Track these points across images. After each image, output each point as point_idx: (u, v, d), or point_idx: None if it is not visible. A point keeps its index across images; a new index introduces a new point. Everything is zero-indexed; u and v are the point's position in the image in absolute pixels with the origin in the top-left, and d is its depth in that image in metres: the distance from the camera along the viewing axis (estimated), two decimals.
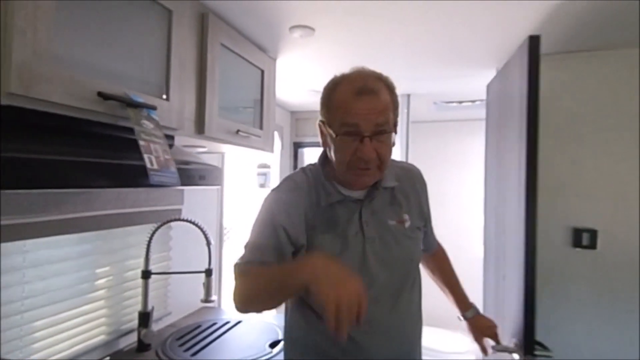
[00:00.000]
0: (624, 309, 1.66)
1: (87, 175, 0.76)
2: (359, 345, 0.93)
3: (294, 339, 1.03)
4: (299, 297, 1.00)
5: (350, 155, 0.91)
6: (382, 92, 0.92)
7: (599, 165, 1.69)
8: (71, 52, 0.83)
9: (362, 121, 0.88)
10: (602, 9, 1.31)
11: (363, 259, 0.95)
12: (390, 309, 0.97)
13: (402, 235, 1.01)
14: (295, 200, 0.97)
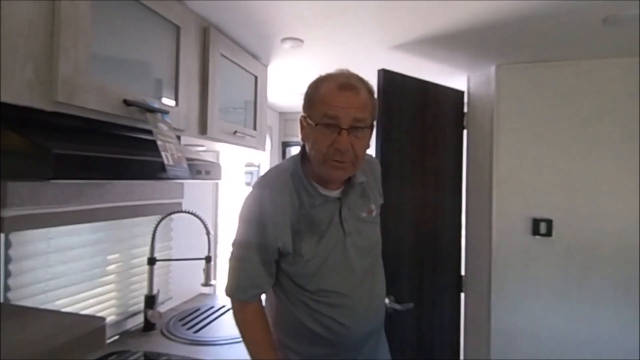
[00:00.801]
0: (576, 289, 1.89)
1: (118, 169, 0.92)
2: (343, 325, 1.02)
3: (287, 323, 1.08)
4: (289, 294, 1.06)
5: (327, 147, 0.94)
6: (362, 91, 0.97)
7: (555, 162, 1.91)
8: (101, 66, 0.99)
9: (342, 114, 0.93)
10: (557, 25, 1.52)
11: (345, 253, 1.04)
12: (369, 288, 1.09)
13: (370, 224, 1.12)
14: (281, 210, 1.00)
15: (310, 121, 0.98)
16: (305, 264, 1.00)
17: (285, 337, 1.07)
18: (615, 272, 1.84)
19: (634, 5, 1.32)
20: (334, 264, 1.02)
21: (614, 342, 1.84)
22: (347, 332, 1.03)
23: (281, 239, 0.99)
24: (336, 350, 1.04)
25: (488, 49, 1.77)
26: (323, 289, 1.02)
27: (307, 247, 1.00)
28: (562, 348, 1.90)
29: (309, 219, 1.02)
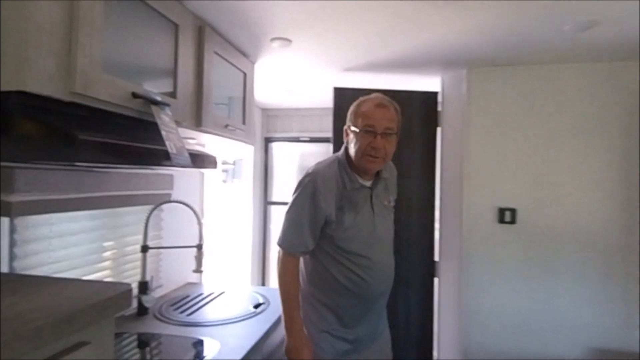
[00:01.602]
0: (537, 271, 2.09)
1: (131, 155, 1.01)
2: (366, 281, 1.36)
3: (321, 278, 1.40)
4: (327, 254, 1.38)
5: (366, 146, 1.31)
6: (391, 109, 1.36)
7: (519, 156, 2.11)
8: (112, 61, 1.07)
9: (377, 124, 1.31)
10: (522, 31, 1.70)
11: (373, 228, 1.39)
12: (386, 257, 1.43)
13: (388, 211, 1.48)
14: (329, 188, 1.35)
15: (354, 128, 1.35)
16: (344, 230, 1.35)
17: (318, 291, 1.40)
18: (572, 255, 2.06)
19: (592, 14, 1.50)
20: (365, 235, 1.37)
21: (570, 318, 2.05)
22: (367, 286, 1.36)
23: (329, 209, 1.34)
24: (356, 301, 1.37)
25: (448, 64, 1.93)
26: (355, 251, 1.36)
27: (347, 218, 1.35)
28: (525, 324, 2.09)
29: (349, 198, 1.36)
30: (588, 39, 1.72)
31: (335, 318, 1.39)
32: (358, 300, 1.37)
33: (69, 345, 0.66)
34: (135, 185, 1.68)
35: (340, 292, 1.37)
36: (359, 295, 1.36)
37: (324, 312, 1.39)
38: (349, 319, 1.38)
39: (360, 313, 1.38)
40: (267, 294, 1.98)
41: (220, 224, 2.92)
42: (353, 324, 1.39)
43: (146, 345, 1.44)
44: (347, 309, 1.37)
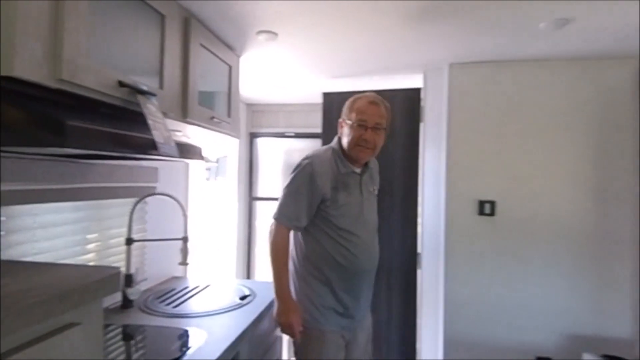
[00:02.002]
0: (515, 262, 2.17)
1: (119, 143, 1.01)
2: (356, 256, 1.54)
3: (315, 254, 1.56)
4: (321, 231, 1.55)
5: (358, 137, 1.51)
6: (381, 107, 1.55)
7: (498, 151, 2.18)
8: (99, 49, 1.07)
9: (369, 118, 1.50)
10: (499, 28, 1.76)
11: (361, 209, 1.57)
12: (372, 237, 1.61)
13: (373, 197, 1.67)
14: (324, 170, 1.52)
15: (349, 121, 1.54)
16: (338, 207, 1.52)
17: (313, 268, 1.56)
18: (547, 246, 2.14)
19: (565, 12, 1.57)
20: (354, 214, 1.55)
21: (545, 305, 2.14)
22: (355, 261, 1.53)
23: (325, 188, 1.51)
24: (346, 275, 1.54)
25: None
26: (346, 228, 1.53)
27: (341, 197, 1.53)
28: (503, 312, 2.17)
29: (343, 180, 1.55)
30: (563, 37, 1.80)
31: (328, 291, 1.54)
32: (347, 274, 1.54)
33: (60, 325, 0.67)
34: (119, 177, 1.67)
35: (333, 266, 1.53)
36: (348, 269, 1.53)
37: (318, 287, 1.55)
38: (339, 291, 1.54)
39: (349, 287, 1.55)
40: (253, 287, 1.99)
41: (205, 219, 2.91)
42: (343, 295, 1.54)
43: (131, 337, 1.44)
44: (338, 282, 1.54)
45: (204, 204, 2.88)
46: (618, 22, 1.65)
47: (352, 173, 1.57)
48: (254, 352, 1.65)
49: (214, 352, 1.25)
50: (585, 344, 2.08)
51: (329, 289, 1.54)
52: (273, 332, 1.97)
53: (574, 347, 2.08)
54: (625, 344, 2.08)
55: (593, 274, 2.12)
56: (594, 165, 2.12)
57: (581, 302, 2.12)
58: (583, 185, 2.12)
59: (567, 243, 2.13)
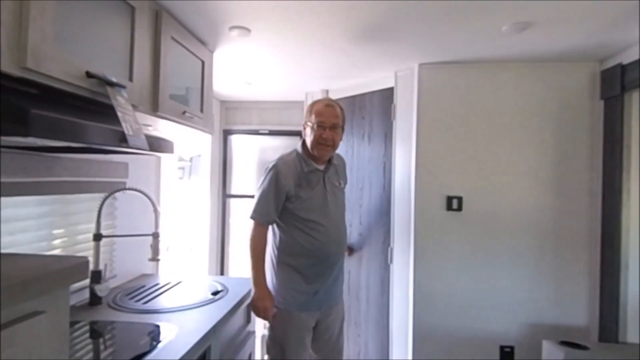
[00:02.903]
0: (480, 254, 2.26)
1: (86, 134, 1.00)
2: (323, 243, 1.75)
3: (287, 245, 1.77)
4: (290, 224, 1.76)
5: (319, 136, 1.73)
6: (336, 108, 1.79)
7: (465, 148, 2.27)
8: (67, 39, 1.05)
9: (326, 120, 1.74)
10: (464, 30, 1.83)
11: (325, 201, 1.78)
12: (337, 225, 1.82)
13: (339, 190, 1.88)
14: (288, 171, 1.74)
15: (309, 123, 1.77)
16: (303, 202, 1.74)
17: (286, 256, 1.77)
18: (511, 239, 2.24)
19: (525, 16, 1.65)
20: (319, 206, 1.76)
21: (509, 296, 2.24)
22: (322, 247, 1.75)
23: (288, 186, 1.72)
24: (314, 261, 1.75)
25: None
26: (312, 219, 1.74)
27: (304, 193, 1.74)
28: (469, 304, 2.26)
29: (306, 178, 1.76)
30: (524, 40, 1.89)
31: (300, 276, 1.75)
32: (316, 259, 1.75)
33: (24, 313, 0.66)
34: (87, 171, 1.64)
35: (303, 253, 1.75)
36: (317, 255, 1.75)
37: (291, 273, 1.76)
38: (310, 275, 1.75)
39: (319, 271, 1.76)
40: (227, 282, 1.99)
41: (178, 217, 2.88)
42: (313, 279, 1.75)
43: (100, 333, 1.41)
44: (309, 267, 1.75)
45: (177, 202, 2.85)
46: (576, 27, 1.75)
47: (315, 170, 1.78)
48: (226, 346, 1.66)
49: (184, 346, 1.25)
50: (546, 332, 2.19)
51: (301, 275, 1.75)
52: (246, 327, 1.98)
53: (535, 335, 2.19)
54: (582, 331, 2.20)
55: (553, 265, 2.23)
56: (553, 163, 2.24)
57: (542, 292, 2.23)
58: (544, 182, 2.24)
59: (529, 236, 2.24)
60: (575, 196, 2.22)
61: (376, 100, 2.58)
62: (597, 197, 2.17)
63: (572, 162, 2.23)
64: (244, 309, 1.91)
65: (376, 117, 2.57)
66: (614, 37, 1.85)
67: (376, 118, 2.57)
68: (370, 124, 2.61)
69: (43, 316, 0.69)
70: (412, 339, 2.29)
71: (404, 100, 2.41)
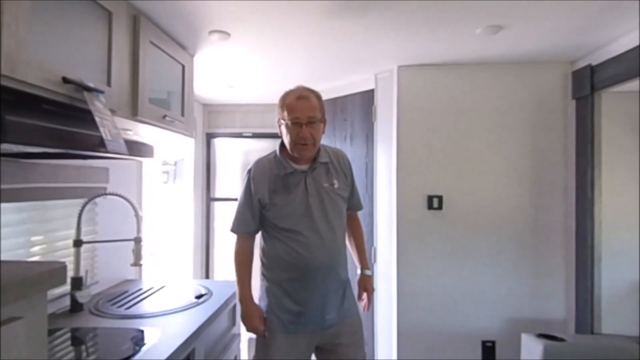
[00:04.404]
0: (461, 252, 2.31)
1: (63, 139, 1.00)
2: (301, 254, 1.50)
3: (268, 256, 1.58)
4: (270, 233, 1.57)
5: (295, 136, 1.47)
6: (312, 98, 1.50)
7: (444, 148, 2.32)
8: (42, 45, 1.05)
9: (301, 115, 1.46)
10: (441, 32, 1.88)
11: (307, 207, 1.51)
12: (323, 234, 1.52)
13: (332, 192, 1.56)
14: (261, 175, 1.55)
15: (283, 120, 1.51)
16: (278, 209, 1.51)
17: (267, 270, 1.57)
18: (490, 236, 2.30)
19: (497, 19, 1.71)
20: (298, 212, 1.51)
21: (489, 291, 2.29)
22: (303, 260, 1.50)
23: (261, 193, 1.53)
24: (296, 274, 1.51)
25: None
26: (289, 228, 1.51)
27: (279, 199, 1.51)
28: (451, 300, 2.30)
29: (283, 182, 1.53)
30: (498, 42, 1.95)
31: (281, 291, 1.53)
32: (298, 273, 1.51)
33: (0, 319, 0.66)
34: (66, 177, 1.62)
35: (282, 266, 1.53)
36: (298, 268, 1.50)
37: (274, 288, 1.55)
38: (292, 291, 1.52)
39: (302, 286, 1.51)
40: (211, 286, 1.99)
41: (162, 222, 2.86)
42: (296, 297, 1.52)
43: (81, 340, 1.40)
44: (290, 282, 1.52)
45: (160, 206, 2.83)
46: (547, 30, 1.81)
47: (295, 172, 1.53)
48: (211, 349, 1.66)
49: (167, 349, 1.25)
50: (525, 326, 2.25)
51: (282, 289, 1.53)
52: (231, 330, 1.98)
53: (515, 329, 2.25)
54: (559, 323, 2.27)
55: (531, 261, 2.30)
56: (529, 161, 2.30)
57: (521, 287, 2.30)
58: (521, 180, 2.30)
59: (508, 233, 2.30)
60: (551, 193, 2.30)
61: (357, 102, 2.62)
62: (571, 193, 2.25)
63: (547, 160, 2.30)
64: (229, 311, 1.92)
65: (357, 118, 2.62)
66: (584, 40, 1.92)
67: (357, 119, 2.62)
68: (352, 126, 2.66)
69: (20, 322, 0.69)
70: (397, 337, 2.33)
71: (384, 101, 2.45)
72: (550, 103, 2.31)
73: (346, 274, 1.62)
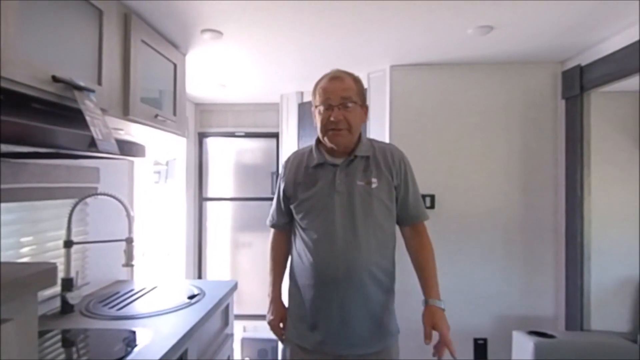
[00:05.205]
0: (454, 251, 2.33)
1: (54, 139, 0.99)
2: (319, 261, 1.32)
3: (292, 256, 1.46)
4: (298, 237, 1.41)
5: (327, 120, 1.30)
6: (346, 79, 1.34)
7: (437, 147, 2.33)
8: (31, 43, 1.03)
9: (332, 96, 1.30)
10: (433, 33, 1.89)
11: (330, 205, 1.32)
12: (342, 238, 1.30)
13: (366, 193, 1.33)
14: (293, 166, 1.43)
15: (316, 108, 1.35)
16: (300, 202, 1.37)
17: (291, 271, 1.45)
18: (482, 234, 2.32)
19: (488, 20, 1.72)
20: (321, 211, 1.33)
21: (481, 289, 2.32)
22: (319, 265, 1.32)
23: (288, 184, 1.41)
24: (312, 282, 1.33)
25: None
26: (306, 227, 1.36)
27: (303, 192, 1.37)
28: (444, 297, 2.29)
29: (311, 175, 1.37)
30: (489, 42, 1.96)
31: (299, 295, 1.38)
32: (314, 280, 1.33)
33: None
34: (56, 177, 1.60)
35: (300, 270, 1.38)
36: (314, 275, 1.32)
37: (293, 293, 1.42)
38: (307, 299, 1.35)
39: (318, 296, 1.32)
40: (204, 286, 1.98)
41: (154, 222, 2.84)
42: (311, 306, 1.34)
43: (72, 342, 1.39)
44: (307, 289, 1.35)
45: (152, 206, 2.81)
46: (537, 31, 1.83)
47: (325, 164, 1.35)
48: (204, 349, 1.65)
49: (160, 350, 1.24)
50: (516, 323, 2.27)
51: (301, 294, 1.37)
52: (224, 330, 1.97)
53: (506, 327, 2.27)
54: (549, 320, 2.30)
55: (522, 259, 2.32)
56: (520, 160, 2.33)
57: (512, 285, 2.32)
58: (511, 179, 2.33)
59: (499, 232, 2.32)
60: (541, 192, 2.32)
61: None
62: (561, 192, 2.27)
63: (538, 159, 2.33)
64: (222, 311, 1.91)
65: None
66: (573, 40, 1.95)
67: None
68: None
69: (10, 324, 0.68)
70: None
71: (376, 101, 2.45)
72: (540, 103, 2.33)
73: (384, 296, 1.40)
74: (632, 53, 1.73)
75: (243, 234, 3.44)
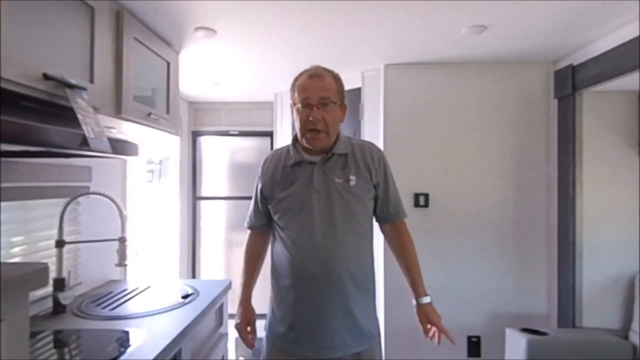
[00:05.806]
0: (447, 248, 2.34)
1: (45, 137, 0.98)
2: (290, 260, 1.31)
3: (271, 257, 1.44)
4: (277, 238, 1.40)
5: (305, 119, 1.27)
6: (326, 77, 1.31)
7: (431, 147, 2.34)
8: (21, 40, 1.02)
9: (311, 95, 1.27)
10: (427, 32, 1.89)
11: (306, 203, 1.30)
12: (321, 236, 1.28)
13: (344, 190, 1.31)
14: (270, 165, 1.41)
15: (294, 105, 1.32)
16: (278, 202, 1.35)
17: (271, 269, 1.42)
18: (476, 233, 2.33)
19: (481, 20, 1.73)
20: (299, 209, 1.31)
21: (474, 287, 2.33)
22: (297, 265, 1.30)
23: (264, 184, 1.40)
24: (290, 282, 1.32)
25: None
26: (284, 226, 1.35)
27: (280, 191, 1.35)
28: (437, 296, 2.29)
29: (288, 174, 1.35)
30: (482, 42, 1.97)
31: (279, 295, 1.36)
32: (292, 280, 1.31)
33: None
34: (47, 176, 1.58)
35: (279, 269, 1.36)
36: (292, 275, 1.31)
37: (273, 293, 1.40)
38: (285, 299, 1.33)
39: (296, 296, 1.31)
40: (197, 285, 1.97)
41: (147, 221, 2.82)
42: (288, 306, 1.33)
43: (64, 342, 1.37)
44: (285, 289, 1.33)
45: (145, 205, 2.79)
46: (530, 31, 1.84)
47: (302, 163, 1.33)
48: (198, 349, 1.64)
49: (154, 350, 1.23)
50: (509, 321, 2.29)
51: (280, 294, 1.36)
52: (218, 329, 1.97)
53: (499, 324, 2.29)
54: (542, 318, 2.32)
55: (515, 257, 2.34)
56: (513, 159, 2.35)
57: (505, 283, 2.34)
58: (505, 177, 2.34)
59: (492, 230, 2.34)
60: (534, 190, 2.34)
61: (347, 99, 2.60)
62: (554, 191, 2.29)
63: (531, 158, 2.35)
64: (216, 311, 1.90)
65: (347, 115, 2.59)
66: (566, 40, 1.97)
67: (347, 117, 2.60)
68: None
69: (1, 325, 0.68)
70: (384, 333, 2.34)
71: (371, 100, 2.46)
72: (533, 102, 2.35)
73: (362, 296, 1.34)
74: (623, 52, 1.75)
75: (237, 233, 3.43)
